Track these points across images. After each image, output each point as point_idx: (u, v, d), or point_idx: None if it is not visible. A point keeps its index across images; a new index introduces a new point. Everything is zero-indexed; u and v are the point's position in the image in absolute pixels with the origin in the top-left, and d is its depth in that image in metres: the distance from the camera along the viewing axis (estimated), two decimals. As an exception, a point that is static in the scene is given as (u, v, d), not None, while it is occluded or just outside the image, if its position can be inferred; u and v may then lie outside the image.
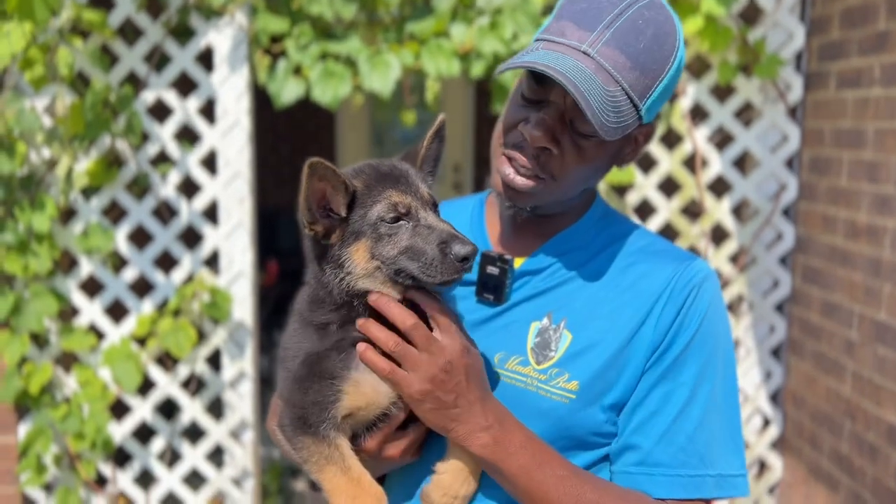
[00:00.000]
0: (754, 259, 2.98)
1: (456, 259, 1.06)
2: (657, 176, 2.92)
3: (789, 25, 2.83)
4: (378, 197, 1.10)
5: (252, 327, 2.95)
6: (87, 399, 2.83)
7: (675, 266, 1.20)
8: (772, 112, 2.88)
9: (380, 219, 1.09)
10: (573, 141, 1.16)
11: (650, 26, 1.11)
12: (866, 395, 2.58)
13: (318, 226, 1.11)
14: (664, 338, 1.16)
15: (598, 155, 1.18)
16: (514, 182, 1.18)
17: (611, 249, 1.26)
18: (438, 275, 1.07)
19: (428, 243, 1.08)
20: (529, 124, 1.15)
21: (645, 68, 1.11)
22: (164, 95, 2.85)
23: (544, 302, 1.23)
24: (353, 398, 1.11)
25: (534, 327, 1.21)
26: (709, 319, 1.17)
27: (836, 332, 2.75)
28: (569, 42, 1.12)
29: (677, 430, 1.14)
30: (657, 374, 1.16)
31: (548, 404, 1.17)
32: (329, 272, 1.13)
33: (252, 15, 2.78)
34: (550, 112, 1.15)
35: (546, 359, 1.18)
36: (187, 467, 3.05)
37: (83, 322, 2.91)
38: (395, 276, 1.10)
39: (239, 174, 2.87)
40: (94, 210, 2.84)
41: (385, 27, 2.83)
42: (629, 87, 1.11)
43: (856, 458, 2.64)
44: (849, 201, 2.68)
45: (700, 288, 1.18)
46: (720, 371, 1.18)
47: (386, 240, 1.09)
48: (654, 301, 1.18)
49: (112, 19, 2.76)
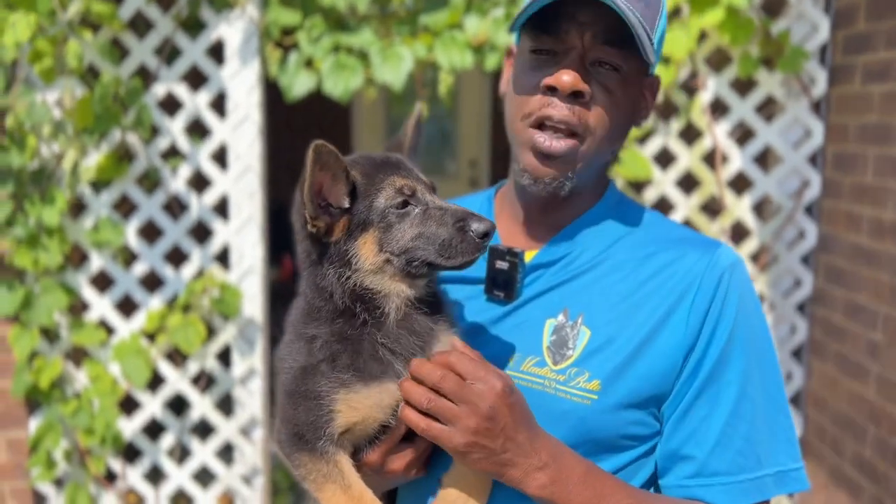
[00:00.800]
0: (776, 258, 2.90)
1: (476, 236, 1.02)
2: (676, 172, 2.85)
3: (814, 17, 2.74)
4: (381, 184, 1.04)
5: (262, 323, 2.92)
6: (97, 394, 2.82)
7: (700, 254, 1.14)
8: (795, 107, 2.80)
9: (388, 206, 1.03)
10: (600, 83, 1.11)
11: None
12: (892, 399, 2.50)
13: (320, 221, 1.04)
14: (698, 335, 1.11)
15: (624, 96, 1.13)
16: (553, 148, 1.11)
17: (627, 238, 1.20)
18: (459, 255, 1.02)
19: (443, 224, 1.03)
20: (554, 75, 1.10)
21: (649, 1, 1.10)
22: (175, 89, 2.82)
23: (559, 297, 1.17)
24: (346, 415, 1.05)
25: (549, 325, 1.15)
26: (744, 311, 1.12)
27: (860, 333, 2.67)
28: None
29: (731, 433, 1.10)
30: (701, 376, 1.11)
31: (568, 406, 1.10)
32: (332, 273, 1.06)
33: (263, 7, 2.74)
34: (573, 57, 1.11)
35: (564, 358, 1.12)
36: (197, 464, 3.03)
37: (93, 317, 2.90)
38: (408, 266, 1.04)
39: (250, 168, 2.84)
40: (104, 204, 2.82)
41: (399, 19, 2.78)
42: (640, 16, 1.08)
43: (879, 463, 2.56)
44: (874, 199, 2.59)
45: (730, 277, 1.12)
46: (764, 361, 1.13)
47: (396, 228, 1.03)
48: (682, 294, 1.11)
49: (122, 12, 2.73)
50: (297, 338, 1.11)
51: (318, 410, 1.04)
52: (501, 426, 1.01)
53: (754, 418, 1.10)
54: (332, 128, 7.32)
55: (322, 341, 1.07)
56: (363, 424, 1.07)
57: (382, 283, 1.06)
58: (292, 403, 1.08)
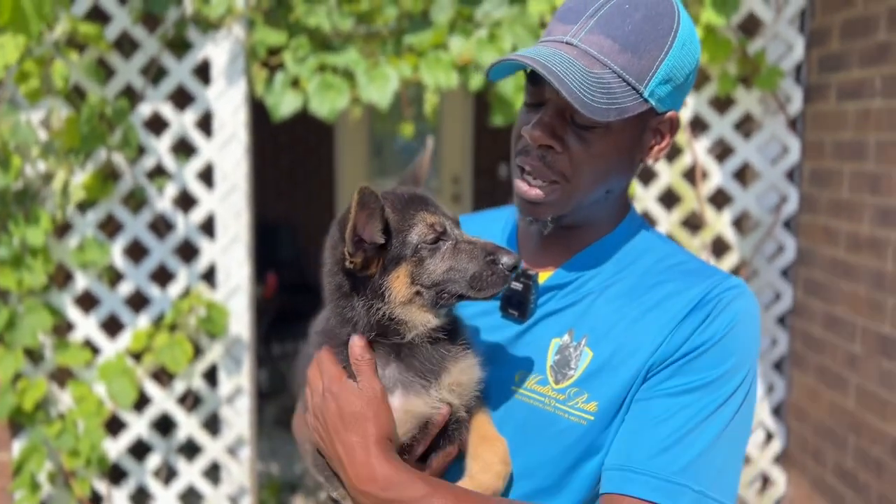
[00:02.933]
0: (755, 271, 2.95)
1: (506, 269, 1.06)
2: (657, 188, 2.90)
3: (789, 37, 2.82)
4: (413, 220, 1.09)
5: (249, 342, 2.92)
6: (82, 415, 2.80)
7: (708, 283, 1.14)
8: (772, 124, 2.87)
9: (421, 241, 1.08)
10: (577, 135, 1.13)
11: (639, 9, 1.10)
12: (871, 409, 2.55)
13: (357, 257, 1.07)
14: (680, 345, 1.09)
15: (606, 147, 1.13)
16: (528, 195, 1.16)
17: (640, 265, 1.21)
18: (489, 287, 1.07)
19: (473, 258, 1.07)
20: (527, 127, 1.14)
21: (637, 49, 1.09)
22: (161, 108, 2.83)
23: (566, 318, 1.19)
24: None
25: (554, 344, 1.18)
26: (735, 332, 1.10)
27: (839, 345, 2.72)
28: (554, 37, 1.13)
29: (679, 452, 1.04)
30: (669, 380, 1.08)
31: (565, 425, 1.13)
32: (361, 305, 1.10)
33: (249, 28, 2.76)
34: (548, 110, 1.14)
35: (565, 378, 1.15)
36: (183, 484, 3.01)
37: (78, 337, 2.88)
38: (438, 297, 1.08)
39: (236, 187, 2.85)
40: (89, 224, 2.82)
41: (383, 39, 2.82)
42: (621, 69, 1.08)
43: (861, 472, 2.61)
44: (851, 213, 2.66)
45: (731, 300, 1.11)
46: (740, 390, 1.09)
47: (428, 262, 1.08)
48: (682, 317, 1.11)
49: (108, 32, 2.74)
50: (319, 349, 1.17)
51: None
52: (327, 428, 1.11)
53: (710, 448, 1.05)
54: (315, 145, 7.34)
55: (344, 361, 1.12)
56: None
57: (410, 314, 1.09)
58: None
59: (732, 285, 1.14)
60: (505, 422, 1.18)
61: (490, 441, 1.14)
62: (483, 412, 1.17)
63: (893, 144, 2.43)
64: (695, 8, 2.68)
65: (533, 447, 1.15)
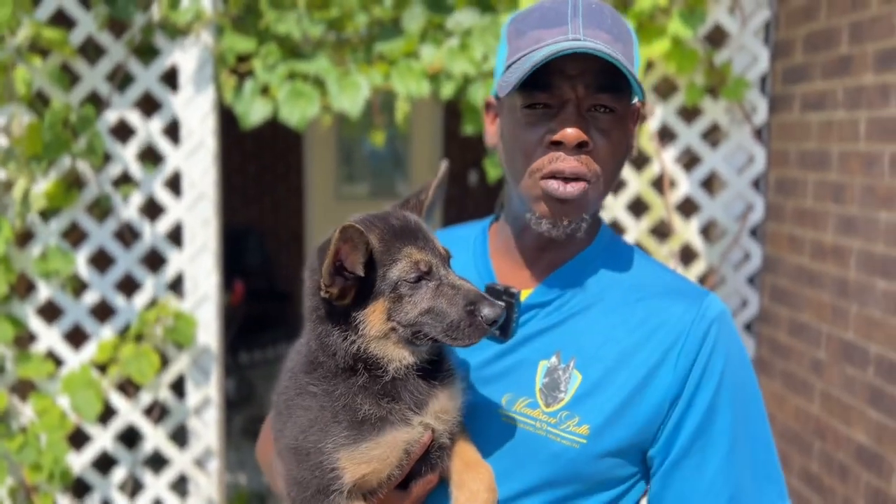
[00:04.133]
0: (723, 279, 3.00)
1: (485, 322, 1.02)
2: (626, 197, 2.93)
3: (754, 49, 2.87)
4: (397, 255, 1.05)
5: (217, 352, 2.88)
6: (45, 428, 2.73)
7: (688, 306, 1.17)
8: (738, 133, 2.92)
9: (401, 279, 1.04)
10: (598, 128, 1.15)
11: (603, 7, 1.18)
12: (835, 415, 2.59)
13: (335, 287, 1.04)
14: (683, 386, 1.14)
15: (621, 135, 1.18)
16: (567, 193, 1.13)
17: (619, 281, 1.22)
18: (465, 338, 1.03)
19: (453, 305, 1.03)
20: (557, 131, 1.13)
21: (622, 39, 1.16)
22: (127, 115, 2.78)
23: (552, 339, 1.19)
24: (352, 471, 1.06)
25: (542, 366, 1.17)
26: (731, 364, 1.16)
27: (805, 351, 2.77)
28: (555, 39, 1.13)
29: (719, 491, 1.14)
30: (689, 429, 1.14)
31: (557, 448, 1.13)
32: (337, 335, 1.06)
33: (218, 34, 2.73)
34: (569, 109, 1.14)
35: (556, 401, 1.15)
36: (150, 498, 2.95)
37: (41, 348, 2.81)
38: (413, 337, 1.05)
39: (204, 196, 2.81)
40: (52, 232, 2.75)
41: (353, 47, 2.81)
42: (623, 56, 1.13)
43: (826, 477, 2.65)
44: (815, 222, 2.71)
45: (718, 330, 1.16)
46: (751, 413, 1.18)
47: (406, 300, 1.04)
48: (670, 346, 1.15)
49: (73, 37, 2.69)
50: (298, 392, 1.11)
51: (324, 470, 1.05)
52: None
53: (742, 475, 1.14)
54: (283, 151, 7.29)
55: (323, 398, 1.08)
56: (372, 475, 1.07)
57: (385, 350, 1.07)
58: (297, 462, 1.08)
59: (712, 307, 1.18)
60: (494, 445, 1.17)
61: (475, 468, 1.12)
62: (465, 437, 1.16)
63: (855, 155, 2.49)
64: (662, 20, 2.72)
65: (525, 471, 1.15)
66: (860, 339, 2.45)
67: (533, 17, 1.17)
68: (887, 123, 2.33)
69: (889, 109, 2.32)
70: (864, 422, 2.43)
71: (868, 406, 2.41)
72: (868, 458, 2.41)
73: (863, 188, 2.45)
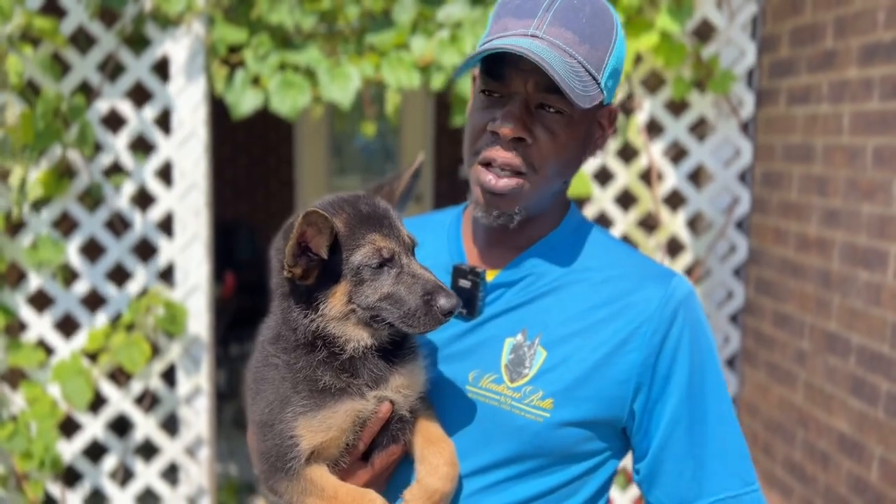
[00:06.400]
0: (709, 271, 3.03)
1: (441, 312, 1.05)
2: (614, 189, 2.95)
3: (741, 43, 2.90)
4: (361, 241, 1.07)
5: (208, 341, 2.89)
6: (35, 417, 2.74)
7: (655, 287, 1.19)
8: (725, 127, 2.95)
9: (363, 264, 1.07)
10: (544, 126, 1.16)
11: (586, 4, 1.15)
12: (817, 404, 2.64)
13: (298, 268, 1.07)
14: (653, 370, 1.17)
15: (570, 137, 1.18)
16: (497, 186, 1.16)
17: (586, 262, 1.24)
18: (420, 325, 1.06)
19: (412, 293, 1.06)
20: (497, 121, 1.15)
21: (593, 40, 1.14)
22: (119, 105, 2.79)
23: (519, 317, 1.21)
24: (309, 439, 1.09)
25: (508, 343, 1.20)
26: (698, 347, 1.19)
27: (789, 342, 2.81)
28: (515, 32, 1.14)
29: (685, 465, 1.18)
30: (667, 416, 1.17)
31: (522, 422, 1.15)
32: (298, 312, 1.10)
33: (210, 25, 2.74)
34: (516, 103, 1.15)
35: (520, 376, 1.17)
36: (140, 486, 2.97)
37: (31, 337, 2.82)
38: (371, 321, 1.09)
39: (195, 185, 2.82)
40: (43, 222, 2.76)
41: (345, 38, 2.82)
42: (584, 59, 1.13)
43: (808, 465, 2.70)
44: (799, 214, 2.75)
45: (685, 312, 1.18)
46: (718, 391, 1.20)
47: (367, 285, 1.07)
48: (637, 327, 1.17)
49: (64, 27, 2.70)
50: (265, 364, 1.15)
51: (283, 438, 1.09)
52: None
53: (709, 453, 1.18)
54: (275, 144, 7.28)
55: (286, 369, 1.12)
56: (328, 444, 1.11)
57: (345, 330, 1.10)
58: (262, 435, 1.12)
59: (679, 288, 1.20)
60: (461, 420, 1.20)
61: (436, 443, 1.15)
62: (429, 414, 1.19)
63: (839, 148, 2.52)
64: (650, 14, 2.74)
65: (491, 446, 1.18)
66: (842, 329, 2.49)
67: (514, 2, 1.18)
68: (870, 117, 2.37)
69: (872, 103, 2.36)
70: (846, 411, 2.47)
71: (849, 395, 2.45)
72: (849, 447, 2.45)
73: (846, 181, 2.49)
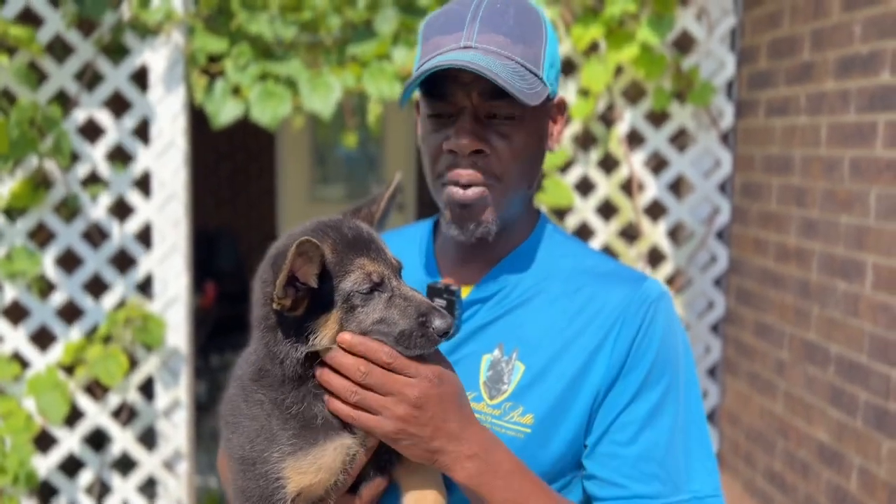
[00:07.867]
0: (689, 281, 3.05)
1: (436, 333, 1.03)
2: (595, 199, 2.96)
3: (720, 55, 2.92)
4: (350, 266, 1.05)
5: (187, 354, 2.86)
6: (10, 431, 2.69)
7: (627, 289, 1.19)
8: (705, 138, 2.97)
9: (353, 290, 1.04)
10: (498, 133, 1.16)
11: (509, 5, 1.17)
12: (797, 414, 2.65)
13: (287, 299, 1.03)
14: (621, 368, 1.15)
15: (525, 139, 1.18)
16: (466, 197, 1.16)
17: (558, 271, 1.24)
18: (416, 348, 1.04)
19: (405, 316, 1.04)
20: (452, 139, 1.15)
21: (525, 39, 1.16)
22: (96, 115, 2.76)
23: (494, 332, 1.20)
24: (296, 481, 1.05)
25: (485, 360, 1.19)
26: (666, 343, 1.17)
27: (769, 352, 2.83)
28: (449, 48, 1.15)
29: (649, 458, 1.14)
30: (620, 403, 1.15)
31: (503, 440, 1.14)
32: (286, 343, 1.06)
33: (189, 34, 2.72)
34: (466, 117, 1.15)
35: (499, 393, 1.16)
36: (118, 501, 2.92)
37: (6, 350, 2.78)
38: None
39: (174, 196, 2.80)
40: (18, 232, 2.72)
41: (326, 49, 2.81)
42: (521, 59, 1.15)
43: (788, 475, 2.71)
44: (778, 225, 2.77)
45: (655, 311, 1.17)
46: (683, 392, 1.18)
47: (359, 311, 1.04)
48: (608, 330, 1.16)
49: (41, 36, 2.67)
50: (245, 400, 1.11)
51: (268, 480, 1.05)
52: (430, 415, 1.03)
53: (670, 445, 1.15)
54: (257, 153, 7.25)
55: (270, 407, 1.07)
56: (315, 485, 1.07)
57: None
58: (242, 472, 1.08)
59: (651, 289, 1.19)
60: None
61: (423, 471, 1.12)
62: None
63: (817, 159, 2.55)
64: (631, 26, 2.76)
65: None
66: (821, 339, 2.51)
67: (438, 21, 1.19)
68: (847, 129, 2.39)
69: (848, 116, 2.38)
70: (825, 421, 2.48)
71: (829, 405, 2.47)
72: (829, 456, 2.46)
73: (824, 192, 2.51)
